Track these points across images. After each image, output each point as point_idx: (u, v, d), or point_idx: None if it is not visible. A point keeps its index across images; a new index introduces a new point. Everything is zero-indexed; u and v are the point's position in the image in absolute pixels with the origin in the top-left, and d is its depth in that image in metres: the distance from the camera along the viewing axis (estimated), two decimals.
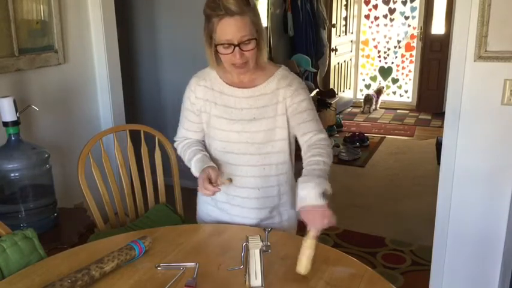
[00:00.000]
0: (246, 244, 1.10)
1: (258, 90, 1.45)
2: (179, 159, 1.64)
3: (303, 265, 1.17)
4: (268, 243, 1.15)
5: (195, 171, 1.47)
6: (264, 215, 1.53)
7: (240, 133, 1.45)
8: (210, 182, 1.37)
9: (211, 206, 1.60)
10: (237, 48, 1.31)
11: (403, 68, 6.92)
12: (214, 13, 1.30)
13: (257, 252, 1.09)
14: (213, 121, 1.49)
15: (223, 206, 1.56)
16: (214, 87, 1.48)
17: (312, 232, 1.21)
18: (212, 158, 1.51)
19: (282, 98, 1.44)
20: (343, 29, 6.22)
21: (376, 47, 7.06)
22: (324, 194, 1.28)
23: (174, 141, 1.63)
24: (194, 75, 1.54)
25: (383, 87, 6.95)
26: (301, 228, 1.70)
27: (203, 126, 1.54)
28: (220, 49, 1.34)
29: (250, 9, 1.31)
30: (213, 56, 1.39)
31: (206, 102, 1.49)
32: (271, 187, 1.52)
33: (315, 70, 4.95)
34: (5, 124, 1.82)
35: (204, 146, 1.57)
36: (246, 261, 1.12)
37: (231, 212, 1.55)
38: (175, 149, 1.66)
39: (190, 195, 1.79)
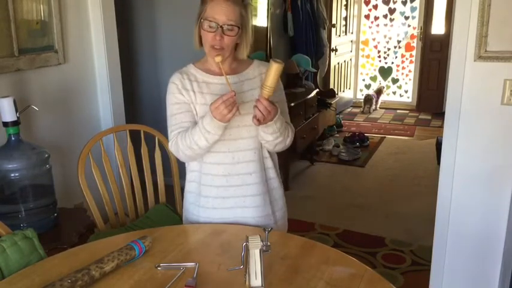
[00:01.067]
0: (246, 244, 1.10)
1: (242, 76, 1.52)
2: (185, 148, 1.49)
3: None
4: (268, 243, 1.15)
5: (206, 123, 1.37)
6: (259, 202, 1.53)
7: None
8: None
9: (198, 206, 1.56)
10: (219, 29, 1.39)
11: (403, 68, 6.92)
12: None
13: (257, 252, 1.08)
14: (202, 110, 1.47)
15: (214, 202, 1.52)
16: (198, 79, 1.52)
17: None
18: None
19: None
20: (343, 29, 6.22)
21: (376, 47, 7.06)
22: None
23: (169, 144, 1.56)
24: (175, 73, 1.55)
25: (383, 87, 6.95)
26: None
27: (195, 116, 1.51)
28: (205, 26, 1.41)
29: (243, 5, 1.43)
30: (198, 37, 1.47)
31: (191, 92, 1.50)
32: (261, 171, 1.53)
33: (315, 70, 4.93)
34: (5, 124, 1.82)
35: None
36: (246, 261, 1.11)
37: (223, 206, 1.52)
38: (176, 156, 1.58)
39: None
